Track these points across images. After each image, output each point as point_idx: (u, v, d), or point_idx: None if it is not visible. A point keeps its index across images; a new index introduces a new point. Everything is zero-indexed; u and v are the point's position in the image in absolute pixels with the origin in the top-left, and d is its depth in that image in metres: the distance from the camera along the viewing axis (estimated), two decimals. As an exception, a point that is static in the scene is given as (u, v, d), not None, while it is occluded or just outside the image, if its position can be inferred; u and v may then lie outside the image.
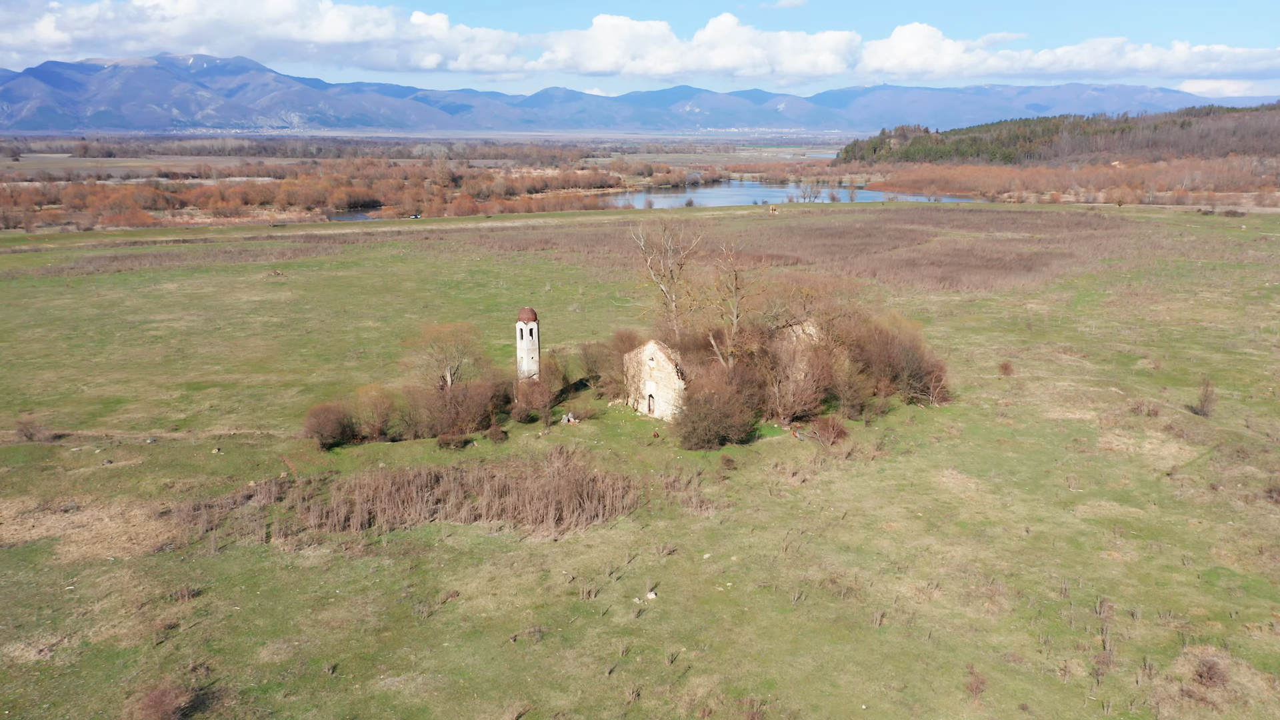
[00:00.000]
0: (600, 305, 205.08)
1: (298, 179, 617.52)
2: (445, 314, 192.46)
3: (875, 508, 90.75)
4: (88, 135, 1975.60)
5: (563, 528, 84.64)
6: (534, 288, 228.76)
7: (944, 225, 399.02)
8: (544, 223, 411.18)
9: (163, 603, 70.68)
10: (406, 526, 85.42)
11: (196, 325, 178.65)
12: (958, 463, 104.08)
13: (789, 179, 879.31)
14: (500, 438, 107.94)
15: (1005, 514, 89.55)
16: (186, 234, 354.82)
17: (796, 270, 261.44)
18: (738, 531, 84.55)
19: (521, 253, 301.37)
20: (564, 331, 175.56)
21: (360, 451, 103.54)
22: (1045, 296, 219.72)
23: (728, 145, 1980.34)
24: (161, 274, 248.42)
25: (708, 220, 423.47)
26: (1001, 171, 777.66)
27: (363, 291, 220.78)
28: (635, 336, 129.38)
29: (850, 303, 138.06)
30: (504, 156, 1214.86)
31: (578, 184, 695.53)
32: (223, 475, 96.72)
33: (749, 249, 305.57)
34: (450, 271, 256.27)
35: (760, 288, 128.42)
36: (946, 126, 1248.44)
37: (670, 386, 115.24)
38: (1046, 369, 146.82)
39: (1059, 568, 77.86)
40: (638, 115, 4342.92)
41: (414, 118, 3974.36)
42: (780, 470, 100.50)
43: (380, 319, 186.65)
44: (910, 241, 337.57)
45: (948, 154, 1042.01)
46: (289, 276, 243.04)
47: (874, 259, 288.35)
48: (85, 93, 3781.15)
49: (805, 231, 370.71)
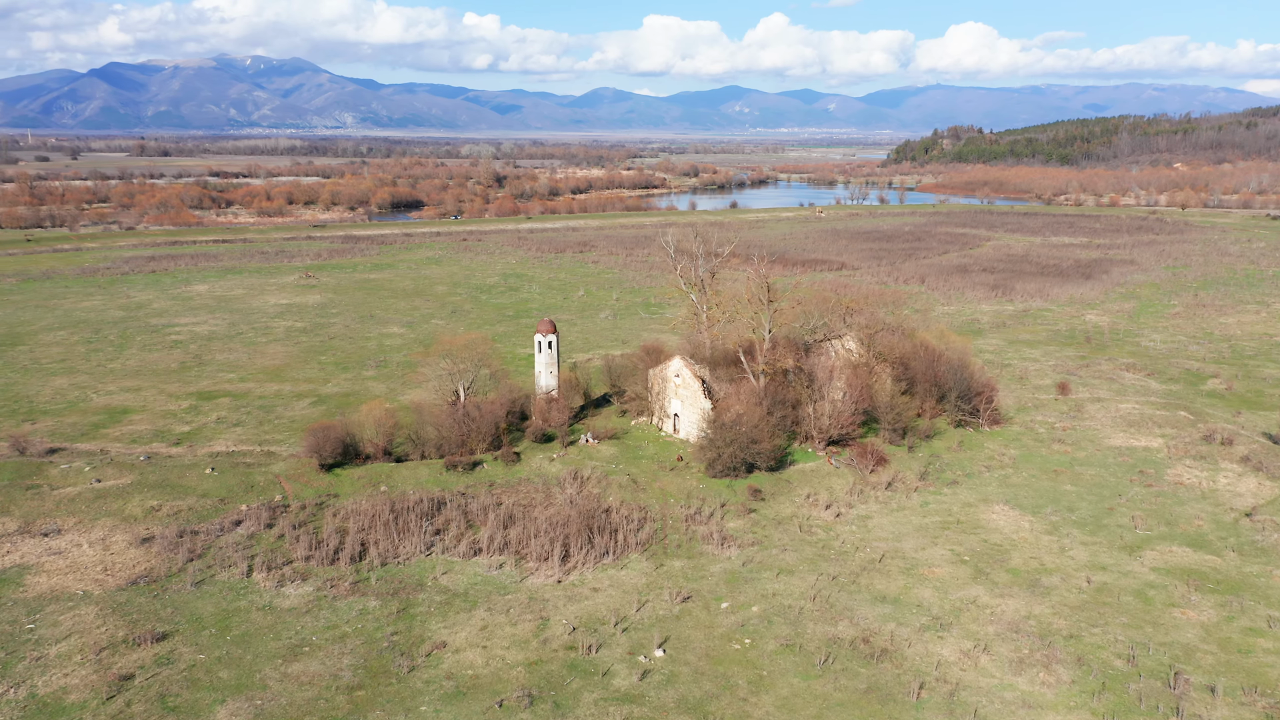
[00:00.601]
0: (633, 312, 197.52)
1: (343, 179, 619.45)
2: (473, 320, 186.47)
3: (916, 549, 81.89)
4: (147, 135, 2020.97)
5: (568, 566, 77.13)
6: (567, 293, 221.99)
7: (997, 229, 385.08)
8: (584, 224, 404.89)
9: (124, 648, 64.50)
10: (400, 561, 78.54)
11: (219, 329, 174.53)
12: (1010, 496, 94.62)
13: (837, 180, 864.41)
14: (512, 459, 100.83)
15: (1063, 560, 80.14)
16: (227, 234, 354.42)
17: (841, 276, 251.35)
18: (761, 575, 76.32)
19: (559, 255, 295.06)
20: (593, 340, 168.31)
21: (362, 473, 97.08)
22: (1105, 307, 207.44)
23: (777, 145, 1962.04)
24: (195, 275, 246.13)
25: (751, 222, 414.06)
26: (1058, 173, 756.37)
27: (392, 295, 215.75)
28: (662, 350, 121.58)
29: (895, 315, 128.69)
30: (551, 157, 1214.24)
31: (622, 184, 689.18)
32: (214, 498, 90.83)
33: (792, 253, 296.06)
34: (484, 275, 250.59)
35: (795, 300, 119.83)
36: (1001, 127, 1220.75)
37: (696, 406, 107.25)
38: (1108, 389, 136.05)
39: (1125, 629, 68.51)
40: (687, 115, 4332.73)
41: (464, 118, 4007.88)
42: (812, 502, 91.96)
43: (405, 325, 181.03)
44: (961, 246, 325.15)
45: (1002, 155, 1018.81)
46: (320, 279, 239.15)
47: (923, 264, 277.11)
48: (146, 93, 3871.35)
49: (852, 235, 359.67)
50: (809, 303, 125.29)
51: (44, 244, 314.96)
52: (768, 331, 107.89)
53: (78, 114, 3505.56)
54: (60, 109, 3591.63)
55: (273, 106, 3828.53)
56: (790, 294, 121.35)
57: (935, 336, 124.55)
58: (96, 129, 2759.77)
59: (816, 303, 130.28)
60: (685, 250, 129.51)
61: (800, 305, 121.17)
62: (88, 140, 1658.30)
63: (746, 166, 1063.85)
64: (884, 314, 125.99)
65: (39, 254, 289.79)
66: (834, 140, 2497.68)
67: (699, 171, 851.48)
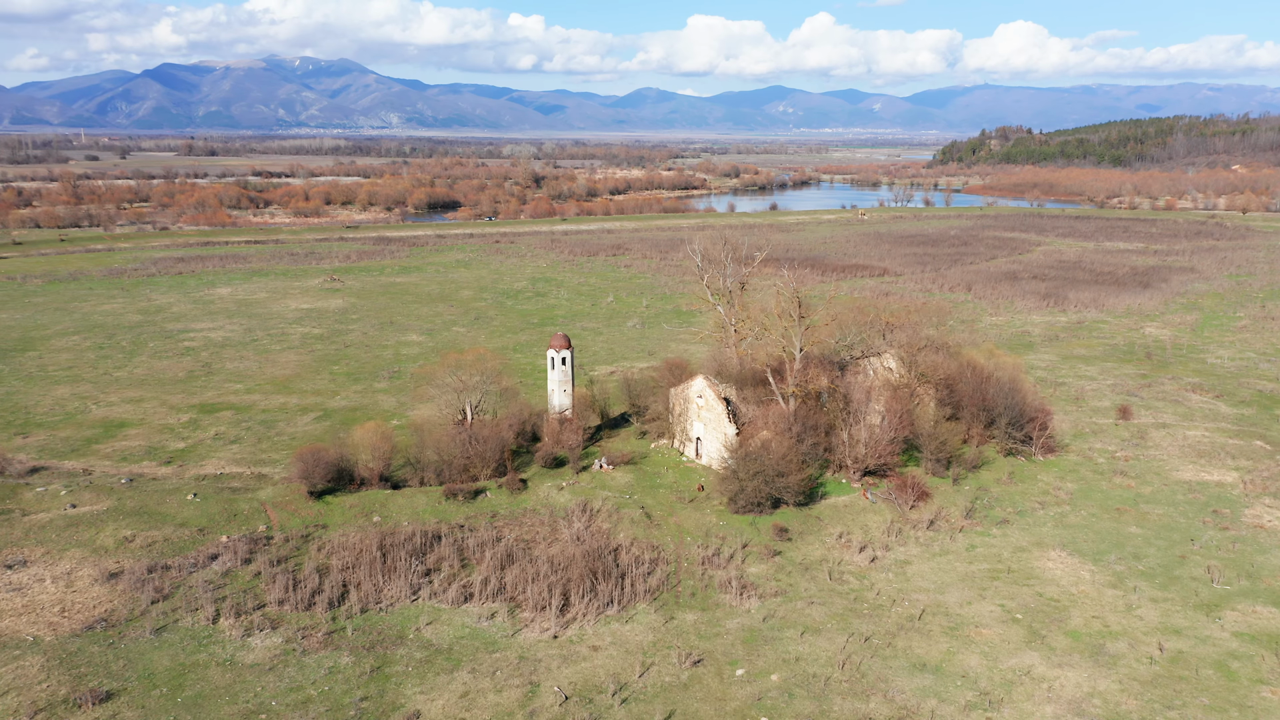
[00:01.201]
0: (663, 320, 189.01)
1: (381, 179, 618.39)
2: (495, 327, 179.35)
3: (962, 603, 72.56)
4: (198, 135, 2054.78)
5: (567, 618, 68.99)
6: (596, 299, 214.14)
7: (1048, 233, 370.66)
8: (620, 226, 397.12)
9: (62, 709, 57.56)
10: (382, 607, 70.94)
11: (234, 336, 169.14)
12: (1067, 540, 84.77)
13: (881, 181, 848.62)
14: (517, 487, 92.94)
15: (1131, 621, 70.34)
16: (260, 234, 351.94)
17: (882, 283, 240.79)
18: (784, 634, 67.56)
19: (591, 259, 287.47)
20: (618, 351, 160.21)
21: (354, 501, 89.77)
22: (1166, 319, 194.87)
23: (820, 146, 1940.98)
24: (221, 277, 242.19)
25: (790, 225, 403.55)
26: (1111, 175, 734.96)
27: (416, 300, 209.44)
28: (685, 366, 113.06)
29: (939, 331, 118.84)
30: (592, 157, 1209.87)
31: (661, 185, 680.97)
32: (193, 527, 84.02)
33: (831, 257, 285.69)
34: (512, 279, 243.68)
35: (830, 316, 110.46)
36: (1050, 128, 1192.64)
37: (719, 430, 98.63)
38: (1173, 412, 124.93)
39: (1207, 712, 58.80)
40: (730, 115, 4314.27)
41: (508, 118, 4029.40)
42: (845, 543, 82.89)
43: (426, 332, 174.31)
44: (1010, 251, 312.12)
45: (1052, 156, 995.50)
46: (345, 282, 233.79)
47: (969, 270, 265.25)
48: (198, 93, 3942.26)
49: (895, 238, 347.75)
50: (845, 317, 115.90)
51: (77, 244, 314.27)
52: (798, 350, 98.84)
53: (132, 114, 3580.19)
54: (115, 109, 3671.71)
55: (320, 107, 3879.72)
56: (825, 307, 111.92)
57: (984, 355, 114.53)
58: (149, 129, 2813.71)
59: (853, 317, 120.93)
60: (714, 258, 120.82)
61: (834, 322, 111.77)
62: (138, 140, 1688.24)
63: (789, 167, 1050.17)
64: (928, 329, 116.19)
65: (71, 254, 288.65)
66: (879, 141, 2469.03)
67: (740, 172, 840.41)
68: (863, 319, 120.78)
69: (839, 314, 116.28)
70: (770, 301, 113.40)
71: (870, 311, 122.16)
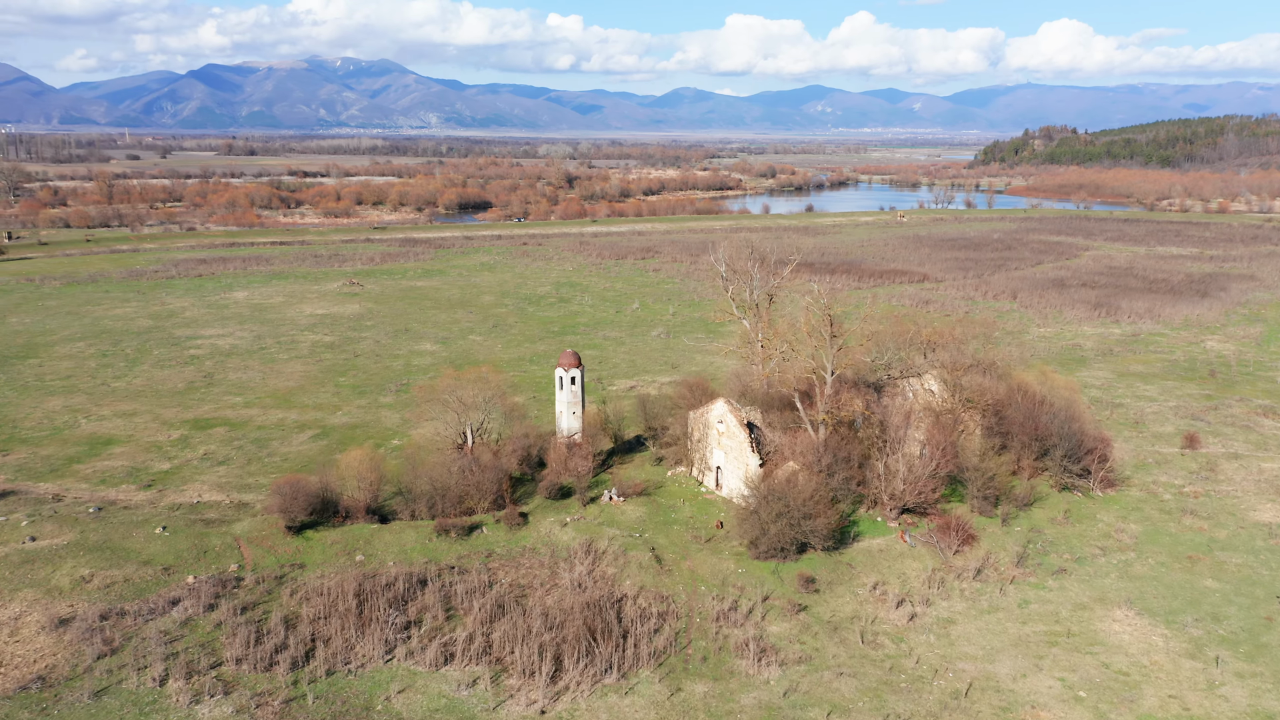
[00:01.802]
0: (690, 329, 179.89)
1: (413, 179, 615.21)
2: (513, 336, 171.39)
3: (1015, 676, 62.90)
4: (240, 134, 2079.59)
5: (559, 687, 60.35)
6: (621, 305, 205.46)
7: (1095, 237, 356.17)
8: (651, 228, 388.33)
9: (-31, 796, 50.07)
10: (351, 669, 62.77)
11: (242, 343, 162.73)
12: (1134, 595, 74.61)
13: (921, 182, 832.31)
14: (517, 522, 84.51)
15: (1215, 703, 60.30)
16: (286, 235, 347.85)
17: (922, 289, 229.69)
18: (807, 714, 58.38)
19: (619, 262, 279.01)
20: (640, 363, 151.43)
21: (337, 537, 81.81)
22: (1227, 331, 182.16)
23: (859, 146, 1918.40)
24: (239, 280, 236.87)
25: (826, 227, 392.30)
26: (1159, 176, 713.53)
27: (435, 306, 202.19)
28: (705, 387, 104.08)
29: (986, 349, 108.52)
30: (628, 157, 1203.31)
31: (696, 186, 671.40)
32: (158, 566, 76.54)
33: (868, 262, 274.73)
34: (536, 283, 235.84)
35: (865, 335, 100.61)
36: (1095, 128, 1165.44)
37: (741, 460, 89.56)
38: (1244, 440, 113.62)
39: (1319, 831, 48.81)
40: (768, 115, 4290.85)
41: (546, 118, 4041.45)
42: (880, 597, 73.45)
43: (440, 341, 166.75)
44: (1057, 256, 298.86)
45: (1097, 156, 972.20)
46: (365, 286, 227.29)
47: (1014, 277, 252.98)
48: (241, 94, 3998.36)
49: (936, 242, 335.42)
50: (883, 333, 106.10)
51: (103, 244, 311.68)
52: (830, 373, 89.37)
53: (177, 114, 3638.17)
54: (160, 109, 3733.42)
55: (360, 107, 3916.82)
56: (860, 324, 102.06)
57: (1036, 376, 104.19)
58: (194, 129, 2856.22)
59: (891, 332, 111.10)
60: (740, 268, 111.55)
61: (870, 341, 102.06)
62: (180, 139, 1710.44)
63: (826, 167, 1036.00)
64: (973, 347, 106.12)
65: (95, 255, 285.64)
66: (918, 140, 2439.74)
67: (776, 172, 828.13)
68: (902, 335, 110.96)
69: (876, 332, 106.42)
70: (800, 315, 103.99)
71: (910, 327, 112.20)
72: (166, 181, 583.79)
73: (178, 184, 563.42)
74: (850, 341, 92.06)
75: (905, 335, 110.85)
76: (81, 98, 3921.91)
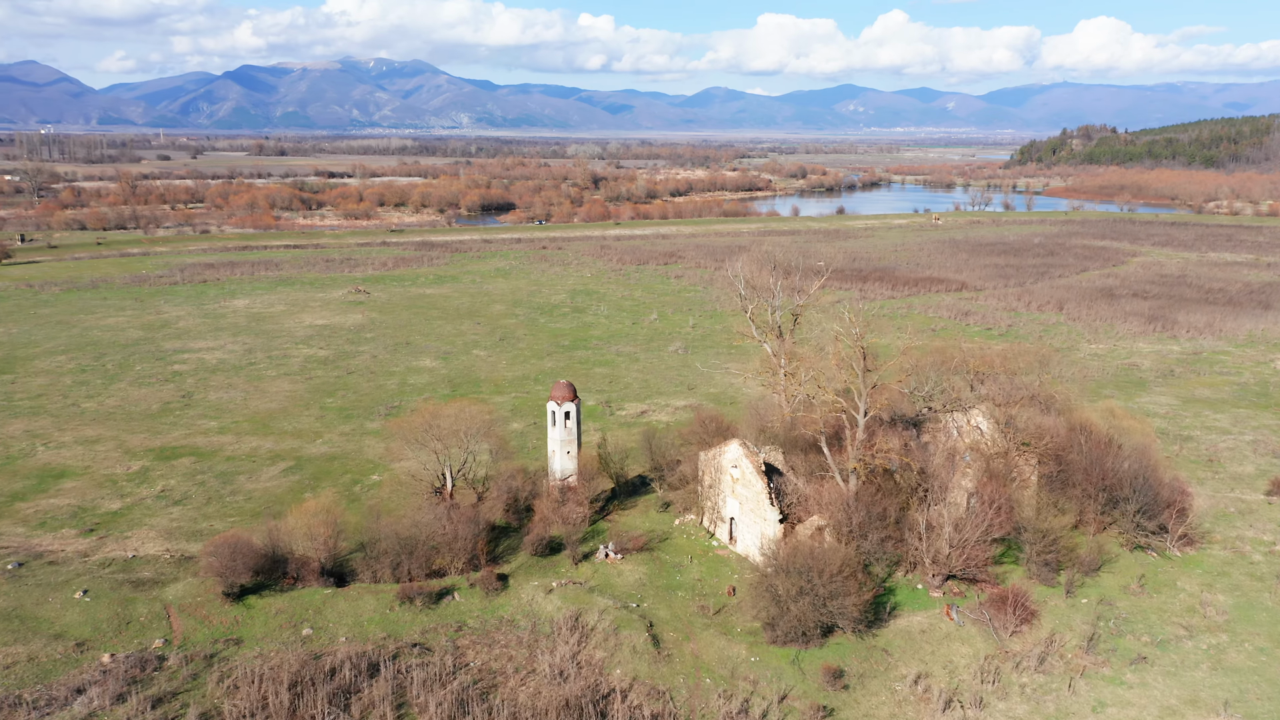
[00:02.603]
0: (711, 344, 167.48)
1: (437, 180, 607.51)
2: (521, 350, 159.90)
3: (1094, 815, 50.07)
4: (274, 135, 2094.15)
5: (521, 825, 48.39)
6: (639, 316, 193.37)
7: (1142, 241, 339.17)
8: (676, 231, 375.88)
9: None
10: (270, 792, 51.23)
11: (230, 358, 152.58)
12: (1233, 695, 61.37)
13: (956, 183, 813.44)
14: (494, 587, 72.63)
15: None
16: (301, 238, 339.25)
17: (961, 299, 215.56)
18: None
19: (641, 268, 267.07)
20: (654, 384, 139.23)
21: (284, 604, 70.30)
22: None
23: (891, 145, 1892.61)
24: (244, 286, 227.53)
25: (858, 230, 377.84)
26: (1205, 177, 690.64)
27: (442, 316, 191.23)
28: (719, 421, 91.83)
29: (1042, 380, 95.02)
30: (657, 157, 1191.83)
31: (724, 187, 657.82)
32: (71, 640, 65.53)
33: (903, 268, 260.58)
34: (551, 291, 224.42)
35: (902, 371, 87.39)
36: (1134, 127, 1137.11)
37: (758, 514, 77.19)
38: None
39: None
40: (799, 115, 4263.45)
41: (576, 118, 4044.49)
42: (923, 696, 60.73)
43: (442, 356, 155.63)
44: (1103, 262, 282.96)
45: (1138, 156, 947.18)
46: (372, 294, 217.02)
47: (1058, 285, 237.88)
48: (276, 95, 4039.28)
49: (973, 246, 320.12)
50: (924, 366, 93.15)
51: (113, 247, 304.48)
52: (862, 414, 76.65)
53: (213, 114, 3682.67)
54: (197, 110, 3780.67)
55: (393, 107, 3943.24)
56: (899, 359, 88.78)
57: (1102, 415, 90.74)
58: (229, 129, 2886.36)
59: (934, 357, 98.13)
60: (761, 284, 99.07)
61: (909, 373, 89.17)
62: (212, 140, 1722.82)
63: (858, 167, 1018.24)
64: (1032, 377, 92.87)
65: (103, 259, 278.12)
66: (952, 140, 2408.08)
67: (806, 173, 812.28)
68: (945, 361, 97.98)
69: (918, 364, 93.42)
70: (829, 344, 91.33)
71: (955, 354, 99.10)
72: (190, 182, 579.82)
73: (201, 185, 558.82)
74: (886, 377, 79.18)
75: (949, 361, 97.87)
76: (120, 99, 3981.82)
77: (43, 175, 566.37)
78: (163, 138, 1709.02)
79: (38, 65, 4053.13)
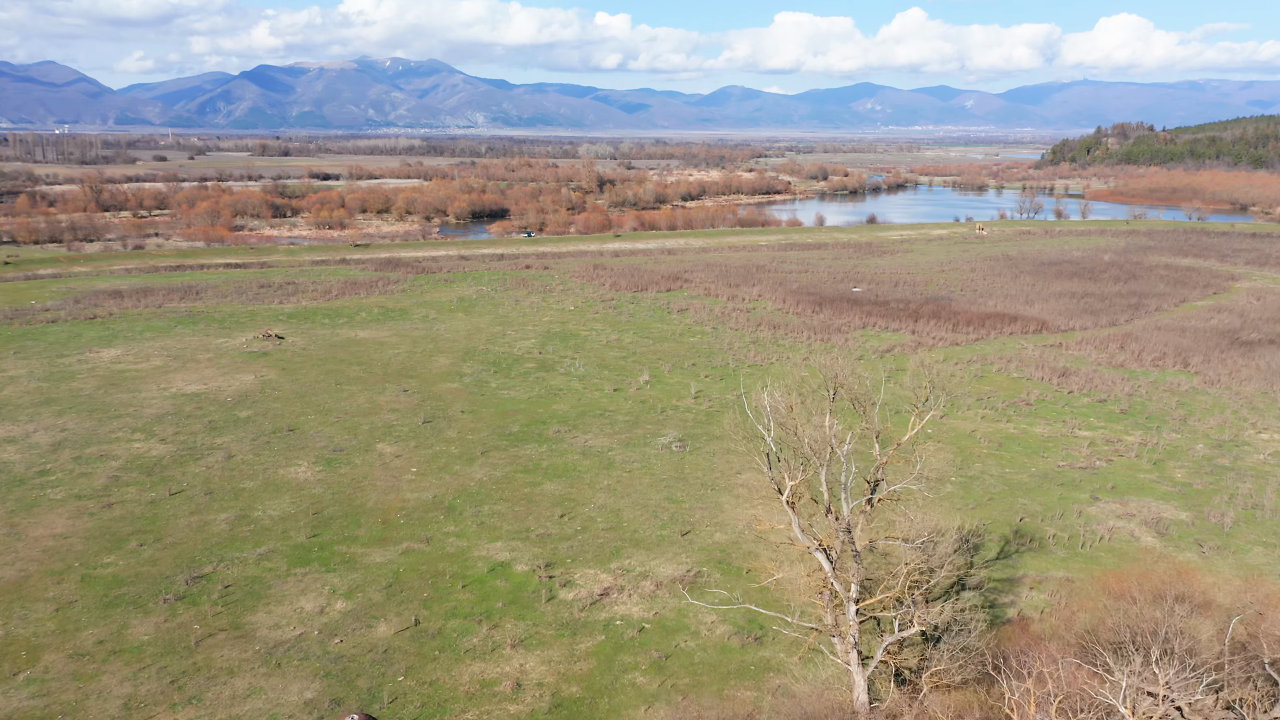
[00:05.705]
0: (719, 430, 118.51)
1: (428, 183, 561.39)
2: (447, 445, 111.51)
3: None
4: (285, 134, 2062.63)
5: None
6: (624, 377, 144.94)
7: (1230, 259, 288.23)
8: (684, 244, 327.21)
9: None
10: None
11: (18, 461, 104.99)
12: None
13: (987, 184, 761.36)
14: None
15: None
16: (249, 255, 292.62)
17: (1043, 345, 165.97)
18: None
19: (638, 296, 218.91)
20: (629, 524, 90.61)
21: None
22: None
23: (910, 144, 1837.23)
24: (133, 327, 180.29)
25: (894, 244, 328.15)
26: (1261, 179, 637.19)
27: (362, 377, 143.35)
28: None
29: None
30: (671, 156, 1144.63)
31: (740, 189, 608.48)
32: None
33: (959, 298, 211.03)
34: (519, 333, 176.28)
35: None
36: (1156, 125, 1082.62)
37: None
38: None
39: None
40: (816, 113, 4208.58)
41: (592, 117, 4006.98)
42: None
43: (328, 458, 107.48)
44: (1200, 288, 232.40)
45: (1179, 156, 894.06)
46: (286, 339, 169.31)
47: (1164, 325, 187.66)
48: (292, 95, 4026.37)
49: (1033, 265, 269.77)
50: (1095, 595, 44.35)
51: (23, 268, 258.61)
52: None
53: (230, 114, 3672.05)
54: (214, 109, 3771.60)
55: (409, 107, 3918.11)
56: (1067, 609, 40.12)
57: None
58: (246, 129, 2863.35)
59: (1111, 590, 49.28)
60: (807, 433, 50.41)
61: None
62: (220, 140, 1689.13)
63: (880, 167, 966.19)
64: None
65: (2, 283, 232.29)
66: (971, 138, 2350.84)
67: (827, 174, 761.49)
68: (1136, 587, 49.33)
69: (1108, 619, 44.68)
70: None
71: (1151, 576, 50.11)
72: (162, 186, 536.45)
73: (172, 188, 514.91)
74: None
75: (1147, 586, 49.17)
76: (138, 99, 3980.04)
77: (11, 178, 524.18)
78: (171, 138, 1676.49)
79: (56, 65, 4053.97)
